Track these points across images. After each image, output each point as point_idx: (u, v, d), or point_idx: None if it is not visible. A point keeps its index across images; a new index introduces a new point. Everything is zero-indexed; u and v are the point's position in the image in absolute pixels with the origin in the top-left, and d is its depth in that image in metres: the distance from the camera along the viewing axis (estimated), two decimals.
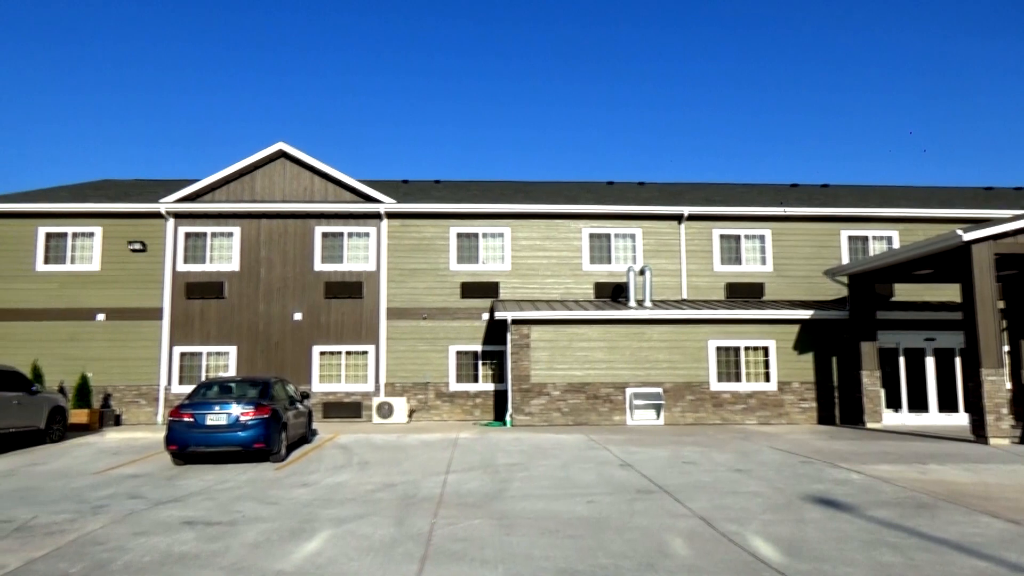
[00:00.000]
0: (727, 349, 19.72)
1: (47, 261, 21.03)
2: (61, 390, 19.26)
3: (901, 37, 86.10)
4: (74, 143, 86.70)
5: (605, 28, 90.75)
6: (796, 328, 19.79)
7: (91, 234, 21.16)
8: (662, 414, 19.17)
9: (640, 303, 20.35)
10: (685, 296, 21.69)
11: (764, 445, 14.55)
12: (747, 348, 19.74)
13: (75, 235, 21.17)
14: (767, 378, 19.69)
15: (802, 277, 21.88)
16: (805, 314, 19.68)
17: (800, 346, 19.77)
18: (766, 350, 19.77)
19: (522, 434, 16.81)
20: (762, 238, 22.20)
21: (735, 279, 21.92)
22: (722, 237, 22.15)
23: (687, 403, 19.39)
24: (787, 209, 22.09)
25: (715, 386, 19.53)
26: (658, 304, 20.57)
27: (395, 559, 6.38)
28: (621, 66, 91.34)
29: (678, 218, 22.02)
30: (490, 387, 21.04)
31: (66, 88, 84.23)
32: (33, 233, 20.98)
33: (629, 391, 19.22)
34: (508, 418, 19.09)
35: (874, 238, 22.31)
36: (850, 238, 22.30)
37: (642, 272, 20.72)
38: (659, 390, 19.22)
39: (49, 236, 21.09)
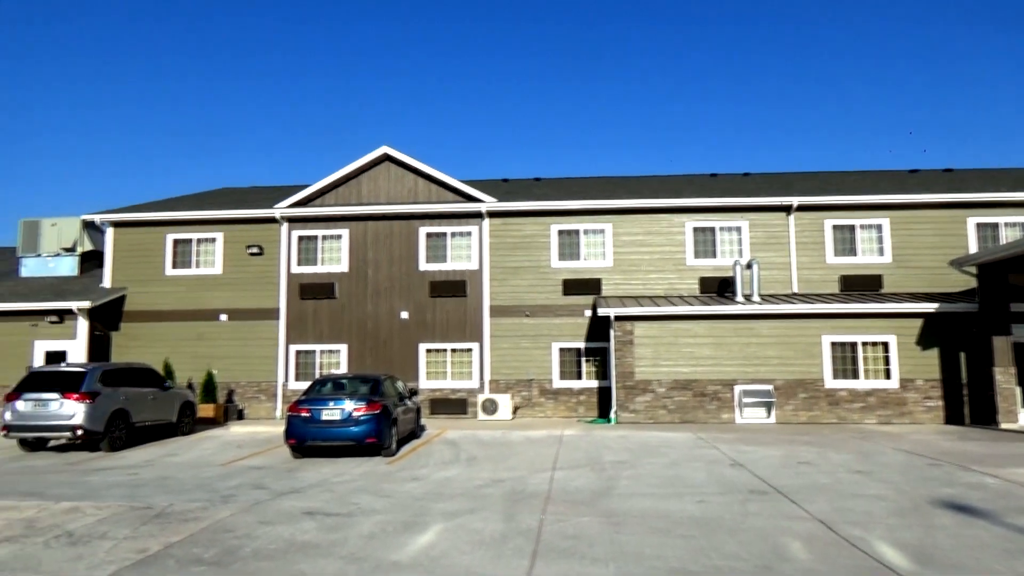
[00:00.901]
0: (843, 345, 18.82)
1: (175, 266, 22.48)
2: (190, 386, 20.59)
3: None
4: (196, 152, 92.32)
5: (693, 25, 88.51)
6: (919, 322, 18.65)
7: (213, 239, 22.46)
8: (773, 412, 18.51)
9: (748, 298, 19.72)
10: (795, 290, 20.84)
11: (886, 446, 13.80)
12: (865, 343, 18.77)
13: (199, 241, 22.52)
14: (887, 375, 18.65)
15: (925, 268, 20.58)
16: (929, 307, 18.51)
17: (924, 341, 18.61)
18: (886, 345, 18.73)
19: (627, 432, 16.64)
20: (879, 228, 21.03)
21: (850, 271, 20.87)
22: (835, 227, 21.13)
23: (800, 401, 18.64)
24: (907, 196, 20.86)
25: (830, 383, 18.67)
26: (767, 298, 19.85)
27: (506, 554, 6.44)
28: (721, 61, 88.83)
29: (787, 209, 21.18)
30: (594, 384, 20.92)
31: (186, 101, 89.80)
32: (162, 240, 22.47)
33: (738, 388, 18.66)
34: (612, 415, 18.93)
35: (1006, 224, 20.71)
36: (978, 225, 20.80)
37: (749, 266, 20.07)
38: (770, 387, 18.56)
39: (176, 242, 22.53)
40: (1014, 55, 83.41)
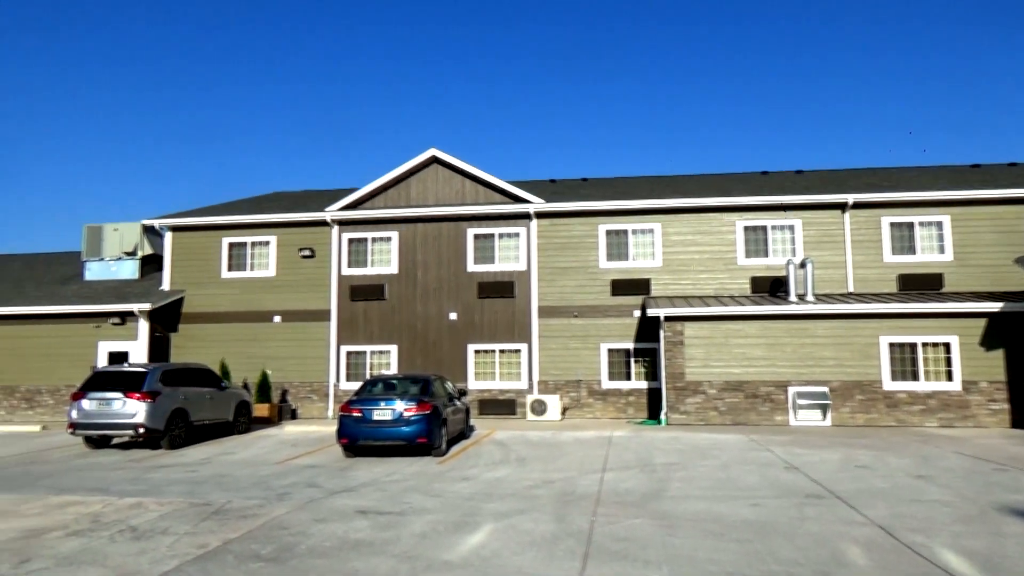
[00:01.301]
0: (901, 345, 18.27)
1: (230, 268, 23.04)
2: (245, 386, 21.08)
3: None
4: (251, 157, 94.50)
5: (751, 24, 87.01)
6: (983, 322, 17.99)
7: (267, 243, 22.96)
8: (829, 414, 18.07)
9: (801, 297, 19.30)
10: (851, 289, 20.33)
11: (948, 450, 13.35)
12: (925, 344, 18.19)
13: (253, 244, 23.04)
14: (949, 376, 18.04)
15: (988, 266, 19.86)
16: (993, 307, 17.84)
17: (988, 342, 17.95)
18: (947, 346, 18.13)
19: (678, 433, 16.45)
20: (939, 225, 20.36)
21: (908, 270, 20.26)
22: (892, 225, 20.55)
23: (857, 403, 18.16)
24: (969, 192, 20.15)
25: (888, 385, 18.15)
26: (822, 298, 19.40)
27: (557, 556, 6.43)
28: (774, 60, 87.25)
29: (841, 206, 20.67)
30: (643, 385, 20.74)
31: (246, 107, 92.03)
32: (219, 243, 23.06)
33: (791, 390, 18.28)
34: (663, 416, 18.73)
35: None
36: None
37: (803, 265, 19.64)
38: (825, 389, 18.13)
39: (231, 246, 23.10)
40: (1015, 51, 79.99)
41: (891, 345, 18.29)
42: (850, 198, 20.42)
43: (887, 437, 15.46)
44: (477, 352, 21.69)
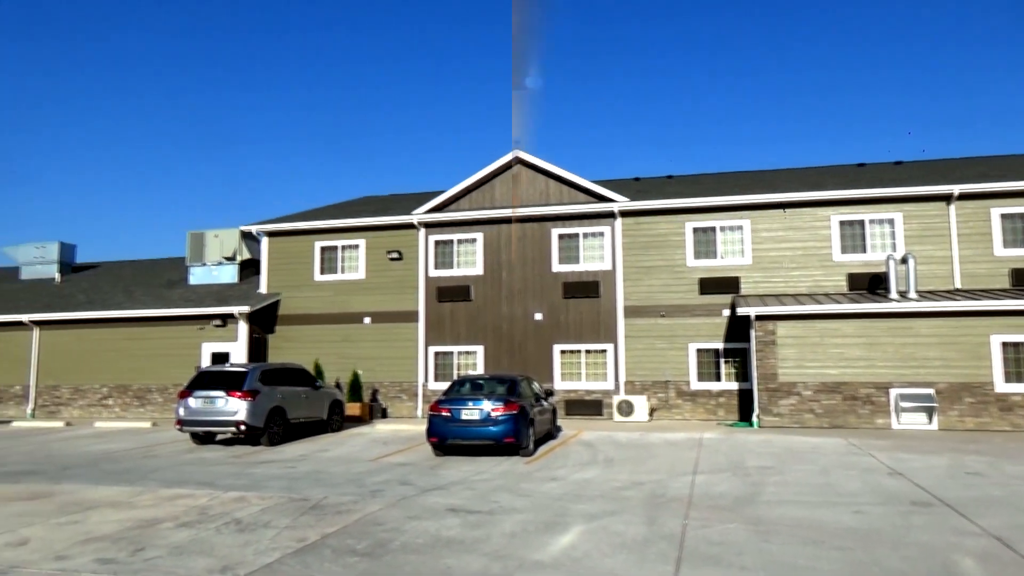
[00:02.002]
0: (1016, 345, 17.13)
1: (322, 272, 23.80)
2: (337, 385, 21.73)
3: None
4: (340, 163, 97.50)
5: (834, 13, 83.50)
6: None
7: (356, 246, 23.60)
8: (935, 418, 17.13)
9: (903, 294, 18.38)
10: (958, 285, 19.20)
11: None
12: None
13: (344, 248, 23.74)
14: None
15: None
16: None
17: None
18: None
19: (771, 436, 15.95)
20: None
21: (1023, 264, 18.98)
22: (1004, 216, 19.29)
23: (966, 406, 17.14)
24: None
25: (1001, 387, 17.05)
26: (925, 295, 18.42)
27: (649, 559, 6.34)
28: (870, 48, 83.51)
29: (946, 198, 19.56)
30: (733, 386, 20.21)
31: (330, 114, 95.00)
32: (311, 247, 23.87)
33: (893, 392, 17.42)
34: (755, 419, 18.20)
35: None
36: None
37: (904, 260, 18.70)
38: (930, 391, 17.19)
39: (323, 249, 23.86)
40: None
41: (1004, 344, 17.18)
42: (956, 189, 19.31)
43: (1001, 442, 14.53)
44: (563, 352, 21.65)
